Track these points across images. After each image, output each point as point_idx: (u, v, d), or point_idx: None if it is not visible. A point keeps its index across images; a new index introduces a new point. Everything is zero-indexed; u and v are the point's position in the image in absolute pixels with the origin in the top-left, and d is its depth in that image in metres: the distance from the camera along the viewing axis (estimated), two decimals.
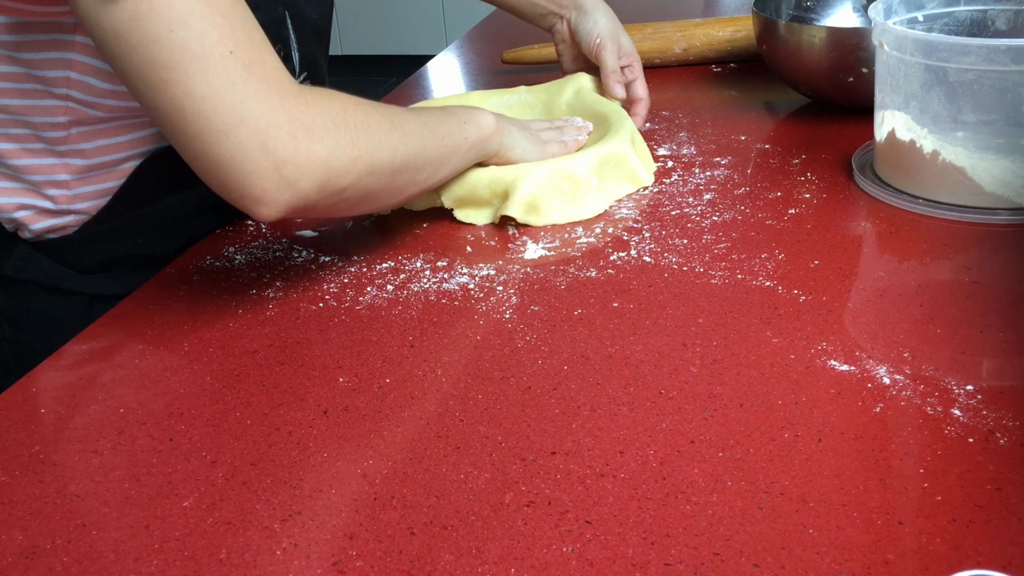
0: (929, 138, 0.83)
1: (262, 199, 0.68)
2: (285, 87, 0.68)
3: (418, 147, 0.77)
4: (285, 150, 0.67)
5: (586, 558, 0.50)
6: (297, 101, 0.68)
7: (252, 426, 0.63)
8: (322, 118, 0.69)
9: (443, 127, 0.81)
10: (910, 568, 0.48)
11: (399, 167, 0.75)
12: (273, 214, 0.69)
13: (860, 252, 0.79)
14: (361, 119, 0.72)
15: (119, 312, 0.78)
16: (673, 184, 0.93)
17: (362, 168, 0.72)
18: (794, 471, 0.55)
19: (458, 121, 0.83)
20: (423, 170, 0.78)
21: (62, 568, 0.52)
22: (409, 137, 0.76)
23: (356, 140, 0.71)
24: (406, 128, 0.76)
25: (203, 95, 0.65)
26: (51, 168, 0.82)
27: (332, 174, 0.70)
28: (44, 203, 0.84)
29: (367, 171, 0.72)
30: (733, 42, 1.25)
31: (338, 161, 0.70)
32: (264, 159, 0.66)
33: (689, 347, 0.67)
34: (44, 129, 0.81)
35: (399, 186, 0.77)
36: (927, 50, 0.81)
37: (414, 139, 0.76)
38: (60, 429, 0.64)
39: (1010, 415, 0.58)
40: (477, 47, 1.47)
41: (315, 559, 0.52)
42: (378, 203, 0.78)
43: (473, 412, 0.62)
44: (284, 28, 0.88)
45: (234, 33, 0.65)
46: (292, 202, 0.69)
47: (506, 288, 0.77)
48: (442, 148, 0.80)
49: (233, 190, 0.68)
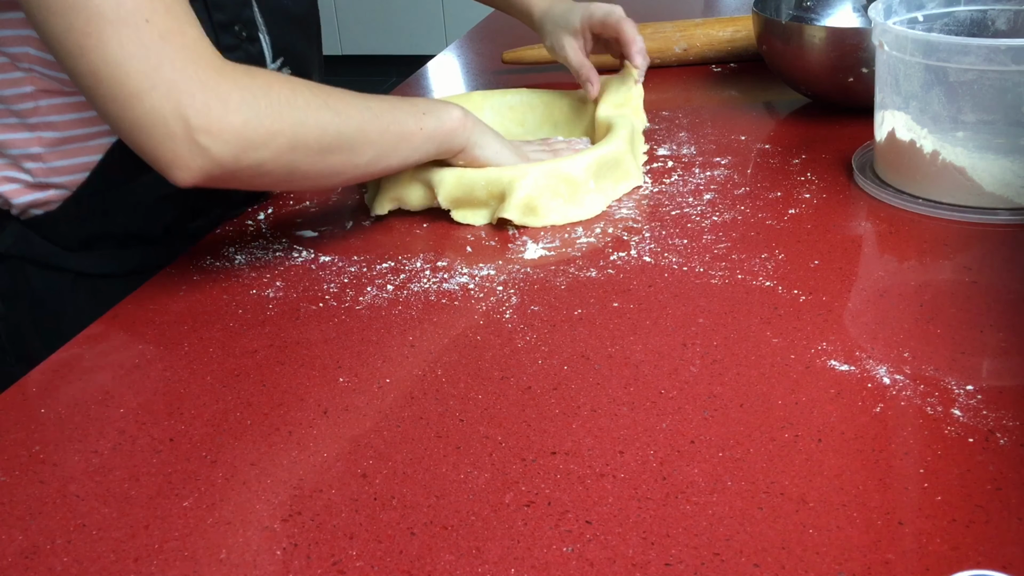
0: (929, 138, 0.83)
1: (175, 163, 0.70)
2: (204, 58, 0.70)
3: (355, 129, 0.77)
4: (197, 117, 0.69)
5: (586, 558, 0.50)
6: (215, 72, 0.70)
7: (252, 426, 0.63)
8: (240, 91, 0.71)
9: (393, 114, 0.81)
10: (910, 568, 0.48)
11: (329, 146, 0.76)
12: (188, 179, 0.71)
13: (860, 252, 0.79)
14: (287, 96, 0.73)
15: (119, 312, 0.78)
16: (673, 184, 0.93)
17: (283, 143, 0.73)
18: (794, 471, 0.55)
19: (415, 111, 0.83)
20: (362, 153, 0.79)
21: (62, 568, 0.52)
22: (344, 118, 0.76)
23: (277, 115, 0.72)
24: (342, 109, 0.77)
25: (117, 60, 0.67)
26: (26, 142, 0.84)
27: (248, 144, 0.71)
28: (24, 176, 0.86)
29: (289, 146, 0.73)
30: (733, 42, 1.25)
31: (254, 132, 0.71)
32: (176, 125, 0.68)
33: (689, 347, 0.67)
34: (14, 102, 0.83)
35: (335, 167, 0.78)
36: (927, 50, 0.81)
37: (350, 121, 0.77)
38: (60, 429, 0.64)
39: (1010, 415, 0.58)
40: (477, 47, 1.47)
41: (315, 559, 0.52)
42: (313, 181, 0.79)
43: (473, 412, 0.62)
44: (247, 9, 0.88)
45: (152, 3, 0.68)
46: (206, 168, 0.71)
47: (506, 288, 0.77)
48: (387, 134, 0.80)
49: (148, 153, 0.70)
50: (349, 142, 0.77)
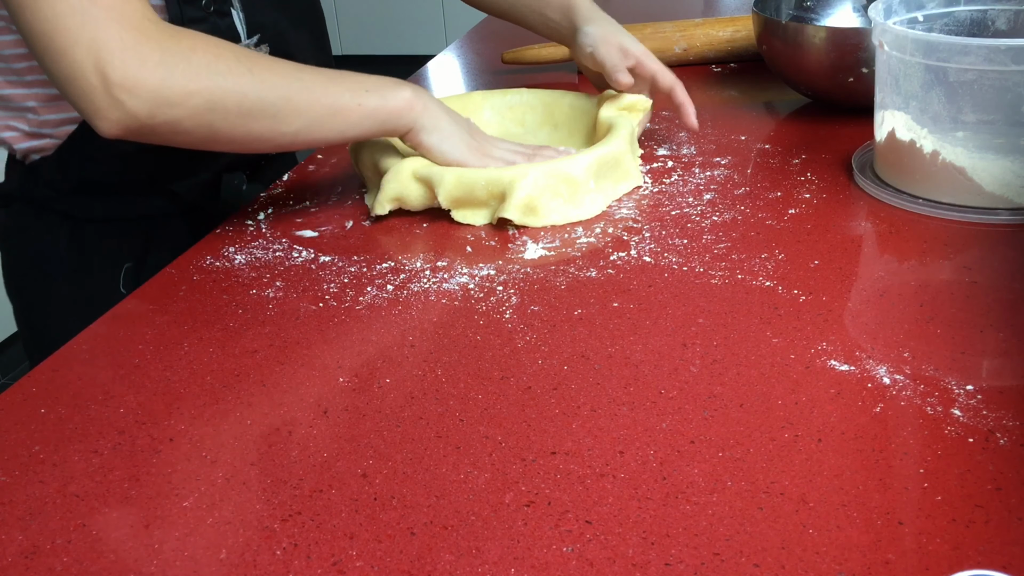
0: (929, 138, 0.83)
1: (97, 114, 0.76)
2: (129, 19, 0.74)
3: (279, 97, 0.80)
4: (115, 73, 0.74)
5: (586, 558, 0.50)
6: (138, 32, 0.75)
7: (252, 426, 0.63)
8: (161, 52, 0.75)
9: (328, 87, 0.83)
10: (910, 568, 0.48)
11: (250, 112, 0.79)
12: (109, 129, 0.76)
13: (860, 252, 0.79)
14: (209, 60, 0.77)
15: (119, 312, 0.78)
16: (673, 184, 0.93)
17: (199, 103, 0.76)
18: (794, 471, 0.55)
19: (358, 87, 0.84)
20: (288, 122, 0.81)
21: (62, 568, 0.52)
22: (267, 86, 0.79)
23: (194, 76, 0.76)
24: (267, 78, 0.79)
25: (47, 18, 0.73)
26: (22, 96, 0.90)
27: (163, 102, 0.75)
28: (22, 126, 0.92)
29: (206, 107, 0.77)
30: (733, 42, 1.25)
31: (169, 91, 0.75)
32: (96, 79, 0.74)
33: (689, 347, 0.67)
34: (12, 60, 0.88)
35: (257, 132, 0.80)
36: (927, 50, 0.81)
37: (275, 89, 0.79)
38: (60, 429, 0.64)
39: (1010, 415, 0.58)
40: (477, 47, 1.47)
41: (315, 559, 0.52)
42: (239, 144, 0.82)
43: (473, 412, 0.62)
44: None
45: None
46: (123, 121, 0.76)
47: (506, 288, 0.77)
48: (318, 106, 0.82)
49: (75, 104, 0.76)
50: (272, 109, 0.80)
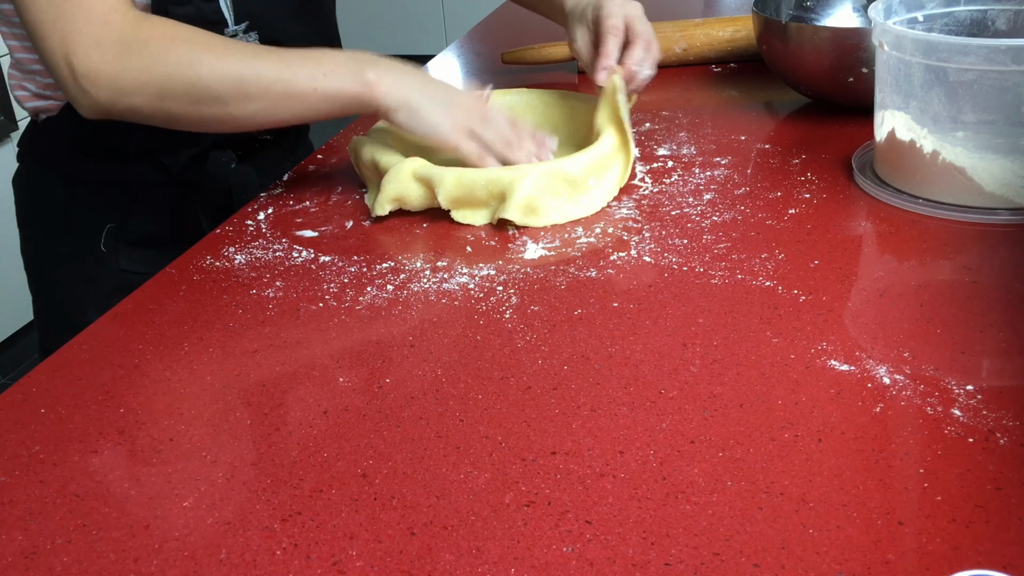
0: (929, 138, 0.83)
1: (72, 100, 0.85)
2: (97, 13, 0.81)
3: (229, 86, 0.83)
4: (79, 64, 0.82)
5: (586, 558, 0.50)
6: (102, 26, 0.81)
7: (252, 426, 0.63)
8: (119, 44, 0.81)
9: (283, 72, 0.85)
10: (910, 568, 0.48)
11: (200, 99, 0.84)
12: (84, 113, 0.85)
13: (860, 252, 0.79)
14: (162, 50, 0.82)
15: (119, 312, 0.78)
16: (673, 184, 0.93)
17: (152, 91, 0.83)
18: (794, 471, 0.55)
19: (317, 71, 0.85)
20: (240, 107, 0.84)
21: (62, 568, 0.52)
22: (217, 74, 0.83)
23: (146, 66, 0.82)
24: (218, 66, 0.83)
25: (28, 8, 0.82)
26: (31, 60, 0.97)
27: (120, 91, 0.83)
28: (31, 86, 0.99)
29: (158, 96, 0.83)
30: (733, 42, 1.25)
31: (124, 81, 0.82)
32: (66, 69, 0.82)
33: (689, 347, 0.67)
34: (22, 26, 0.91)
35: (211, 116, 0.85)
36: (927, 50, 0.81)
37: (224, 77, 0.83)
38: (60, 429, 0.64)
39: (1010, 415, 0.58)
40: (477, 47, 1.47)
41: (315, 559, 0.52)
42: (193, 126, 0.87)
43: (473, 412, 0.62)
44: None
45: None
46: (92, 107, 0.84)
47: (506, 288, 0.77)
48: (271, 92, 0.84)
49: (59, 86, 0.85)
50: (221, 96, 0.84)
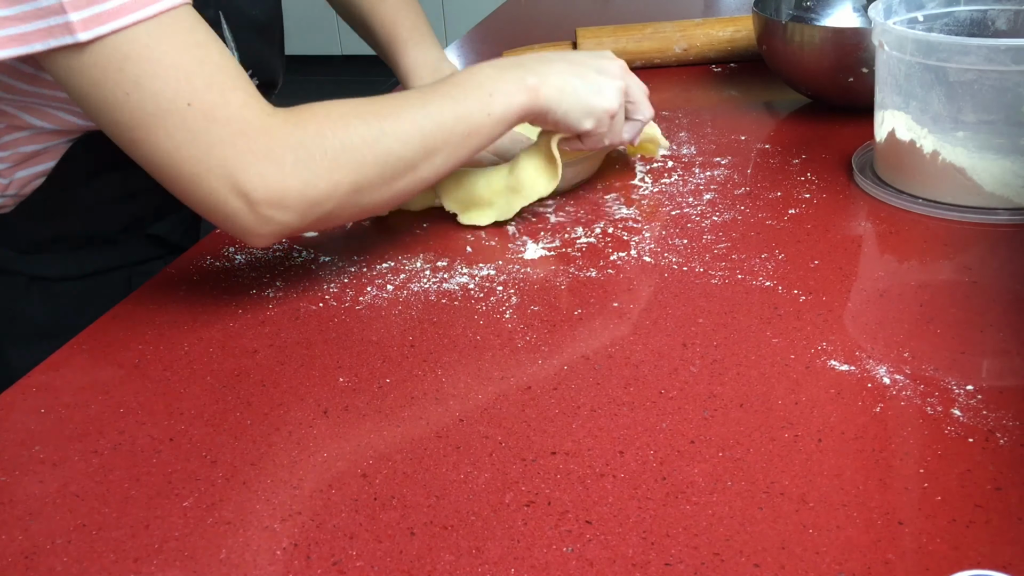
0: (929, 138, 0.83)
1: (248, 233, 0.71)
2: (253, 124, 0.68)
3: (418, 146, 0.74)
4: (256, 190, 0.68)
5: (586, 558, 0.50)
6: (265, 136, 0.68)
7: (252, 426, 0.63)
8: (293, 150, 0.69)
9: (456, 109, 0.76)
10: (910, 568, 0.48)
11: (394, 174, 0.73)
12: (264, 243, 0.72)
13: (860, 252, 0.79)
14: (341, 138, 0.70)
15: (119, 312, 0.78)
16: (673, 184, 0.93)
17: (346, 190, 0.71)
18: (794, 471, 0.55)
19: (481, 93, 0.77)
20: (430, 166, 0.75)
21: (62, 568, 0.52)
22: (403, 141, 0.73)
23: (335, 165, 0.70)
24: (399, 130, 0.73)
25: (167, 150, 0.67)
26: None
27: (311, 203, 0.70)
28: None
29: (353, 190, 0.72)
30: (733, 42, 1.25)
31: (315, 191, 0.70)
32: (238, 200, 0.68)
33: (689, 347, 0.67)
34: None
35: (403, 189, 0.75)
36: (927, 50, 0.81)
37: (411, 140, 0.73)
38: (60, 429, 0.64)
39: (1010, 415, 0.58)
40: (477, 47, 1.47)
41: (315, 559, 0.52)
42: (379, 208, 0.77)
43: (473, 412, 0.62)
44: (218, 30, 0.85)
45: (191, 82, 0.66)
46: (277, 232, 0.71)
47: (506, 288, 0.77)
48: (454, 136, 0.76)
49: (222, 227, 0.72)
50: (413, 161, 0.74)
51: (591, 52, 0.85)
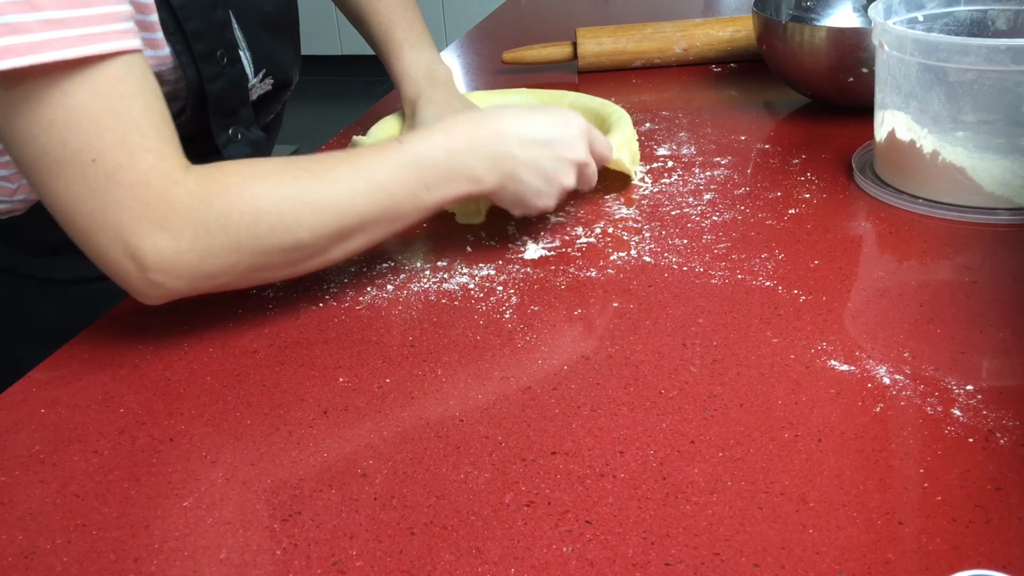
0: (929, 138, 0.83)
1: (136, 293, 0.68)
2: (154, 191, 0.65)
3: (332, 234, 0.71)
4: (147, 257, 0.66)
5: (586, 558, 0.50)
6: (165, 207, 0.65)
7: (252, 426, 0.63)
8: (193, 227, 0.66)
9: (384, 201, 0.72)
10: (910, 568, 0.48)
11: (300, 259, 0.71)
12: (155, 303, 0.69)
13: (860, 252, 0.79)
14: (247, 224, 0.67)
15: (119, 312, 0.78)
16: (673, 184, 0.93)
17: (244, 269, 0.69)
18: (794, 471, 0.55)
19: (418, 185, 0.73)
20: (344, 248, 0.73)
21: (62, 568, 0.52)
22: (316, 232, 0.70)
23: (236, 247, 0.67)
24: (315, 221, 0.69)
25: (64, 201, 0.65)
26: None
27: (206, 276, 0.68)
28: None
29: (253, 270, 0.70)
30: (733, 42, 1.25)
31: (211, 267, 0.68)
32: (129, 263, 0.66)
33: (689, 347, 0.67)
34: None
35: (309, 268, 0.73)
36: (927, 50, 0.81)
37: (327, 230, 0.70)
38: (60, 429, 0.64)
39: (1010, 415, 0.58)
40: (477, 47, 1.47)
41: (315, 559, 0.52)
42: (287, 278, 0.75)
43: (473, 412, 0.62)
44: (227, 30, 0.83)
45: (101, 138, 0.63)
46: (168, 296, 0.69)
47: (506, 288, 0.77)
48: (376, 226, 0.73)
49: (112, 278, 0.69)
50: (323, 248, 0.71)
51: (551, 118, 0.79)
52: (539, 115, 0.78)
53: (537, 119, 0.78)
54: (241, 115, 0.88)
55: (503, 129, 0.76)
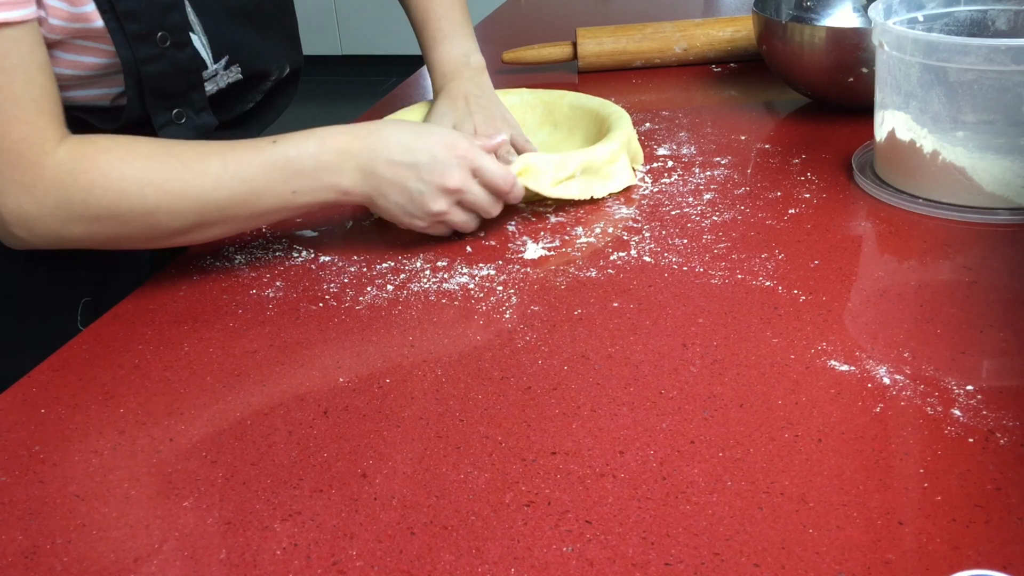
0: (929, 138, 0.83)
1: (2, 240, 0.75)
2: (25, 158, 0.71)
3: (192, 221, 0.76)
4: (9, 215, 0.72)
5: (586, 558, 0.50)
6: (33, 174, 0.71)
7: (252, 426, 0.63)
8: (56, 196, 0.72)
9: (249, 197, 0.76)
10: (910, 568, 0.48)
11: (159, 237, 0.77)
12: (15, 248, 0.75)
13: (860, 252, 0.79)
14: (109, 201, 0.73)
15: (119, 312, 0.78)
16: (673, 184, 0.93)
17: (102, 239, 0.75)
18: (794, 471, 0.55)
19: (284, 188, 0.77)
20: (206, 233, 0.78)
21: (62, 568, 0.52)
22: (176, 216, 0.75)
23: (95, 221, 0.73)
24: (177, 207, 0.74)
25: None
26: None
27: (62, 239, 0.74)
28: None
29: (110, 241, 0.76)
30: (733, 42, 1.25)
31: (68, 234, 0.74)
32: None
33: (689, 347, 0.67)
34: None
35: (170, 245, 0.78)
36: (927, 50, 0.81)
37: (186, 216, 0.75)
38: (60, 429, 0.64)
39: (1010, 415, 0.58)
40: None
41: (315, 559, 0.52)
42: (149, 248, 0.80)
43: (473, 412, 0.62)
44: (174, 13, 0.82)
45: None
46: (26, 247, 0.75)
47: (506, 288, 0.77)
48: (237, 218, 0.78)
49: None
50: (182, 231, 0.76)
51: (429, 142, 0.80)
52: (419, 138, 0.80)
53: (414, 141, 0.80)
54: (191, 98, 0.86)
55: (375, 146, 0.79)
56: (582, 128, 1.02)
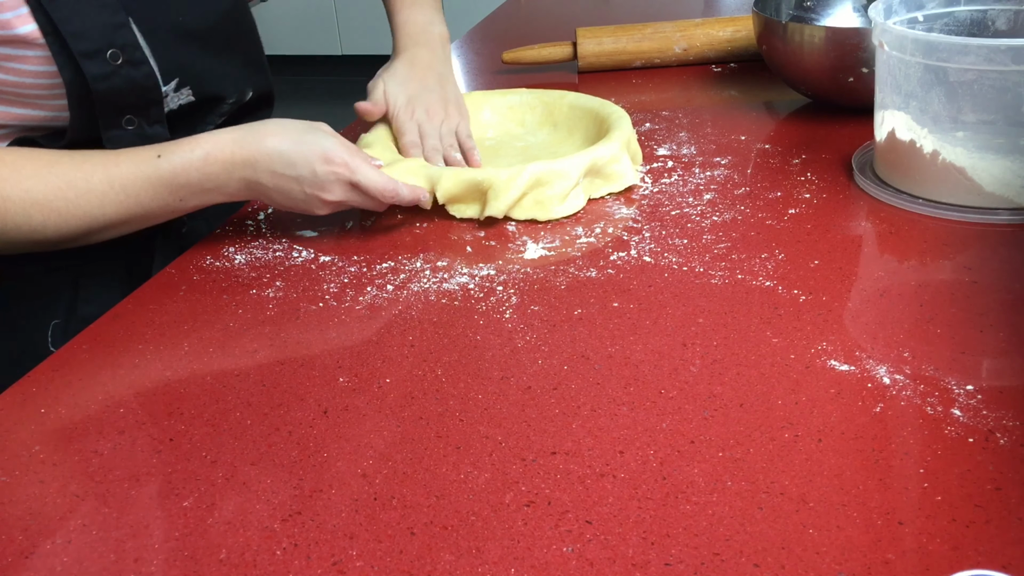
0: (929, 138, 0.83)
1: None
2: None
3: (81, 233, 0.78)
4: None
5: (586, 558, 0.50)
6: None
7: (252, 426, 0.63)
8: None
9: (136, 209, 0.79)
10: (910, 568, 0.48)
11: (49, 246, 0.79)
12: None
13: (860, 252, 0.79)
14: None
15: (119, 312, 0.78)
16: (673, 184, 0.93)
17: None
18: (794, 471, 0.55)
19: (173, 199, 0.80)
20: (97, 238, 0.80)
21: (62, 568, 0.52)
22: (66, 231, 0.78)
23: None
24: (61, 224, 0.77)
25: None
26: None
27: None
28: None
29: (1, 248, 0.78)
30: (733, 42, 1.25)
31: None
32: None
33: (689, 347, 0.67)
34: None
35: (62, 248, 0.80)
36: (927, 50, 0.81)
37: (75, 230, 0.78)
38: (60, 429, 0.64)
39: (1010, 415, 0.58)
40: (477, 47, 1.47)
41: (315, 559, 0.52)
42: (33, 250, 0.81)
43: (473, 412, 0.62)
44: (121, 31, 0.82)
45: None
46: None
47: (506, 288, 0.77)
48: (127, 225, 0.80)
49: None
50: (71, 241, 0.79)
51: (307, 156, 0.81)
52: (300, 149, 0.81)
53: (295, 154, 0.81)
54: (148, 112, 0.87)
55: (257, 158, 0.80)
56: (582, 128, 1.02)
